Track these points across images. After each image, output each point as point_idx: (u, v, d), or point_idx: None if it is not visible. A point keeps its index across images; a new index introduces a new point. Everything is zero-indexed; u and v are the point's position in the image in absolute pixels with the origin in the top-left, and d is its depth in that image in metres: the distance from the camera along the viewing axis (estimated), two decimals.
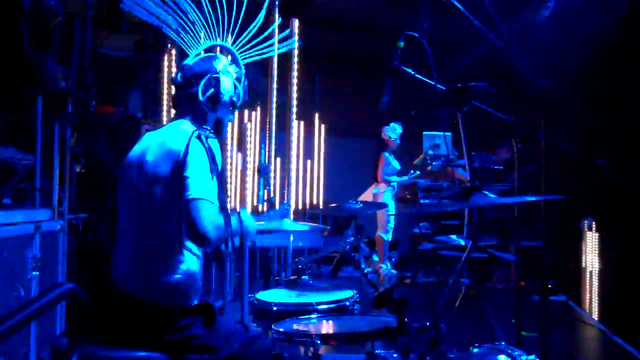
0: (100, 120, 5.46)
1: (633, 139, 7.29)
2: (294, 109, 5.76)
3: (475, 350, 3.39)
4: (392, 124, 9.05)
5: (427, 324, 2.75)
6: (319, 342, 2.67)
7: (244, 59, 3.29)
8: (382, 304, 2.62)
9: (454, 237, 3.71)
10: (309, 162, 9.54)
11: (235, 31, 3.30)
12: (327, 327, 3.07)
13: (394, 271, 9.19)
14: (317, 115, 9.40)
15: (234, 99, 3.09)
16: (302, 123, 8.97)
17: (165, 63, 6.94)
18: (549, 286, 8.23)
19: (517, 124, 3.18)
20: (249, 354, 2.85)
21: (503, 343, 3.37)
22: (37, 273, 3.99)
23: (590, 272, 8.44)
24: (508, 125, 3.20)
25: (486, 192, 2.56)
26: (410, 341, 2.73)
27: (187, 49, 3.30)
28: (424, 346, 2.76)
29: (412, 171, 9.16)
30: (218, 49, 3.33)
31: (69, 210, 4.78)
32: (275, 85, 5.74)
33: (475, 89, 2.67)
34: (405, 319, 2.70)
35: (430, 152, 8.93)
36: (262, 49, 3.48)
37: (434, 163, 8.96)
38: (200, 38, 3.32)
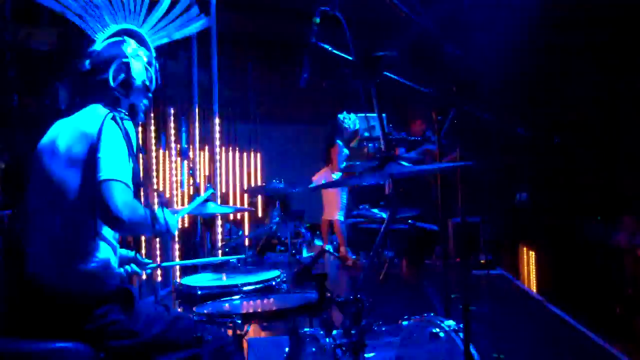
0: (22, 115, 5.30)
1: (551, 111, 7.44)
2: (216, 93, 5.64)
3: (405, 322, 3.42)
4: (347, 114, 9.02)
5: (351, 297, 2.75)
6: (239, 321, 2.64)
7: (156, 41, 3.20)
8: (302, 280, 2.60)
9: (375, 210, 3.70)
10: (243, 151, 9.47)
11: (143, 12, 3.22)
12: (249, 306, 3.04)
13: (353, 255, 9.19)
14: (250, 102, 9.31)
15: (147, 83, 3.01)
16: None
17: None
18: (487, 260, 8.39)
19: (435, 95, 3.17)
20: (172, 335, 2.81)
21: (432, 314, 3.40)
22: None
23: (526, 247, 8.61)
24: (426, 98, 3.20)
25: (401, 162, 2.55)
26: (331, 316, 2.72)
27: (93, 34, 3.19)
28: (349, 320, 2.76)
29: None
30: (123, 33, 3.20)
31: None
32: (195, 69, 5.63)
33: (385, 58, 2.66)
34: (328, 294, 2.69)
35: (366, 134, 8.94)
36: (174, 29, 3.40)
37: (369, 145, 8.97)
38: (105, 22, 3.22)
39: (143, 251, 5.31)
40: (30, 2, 6.76)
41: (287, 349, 3.28)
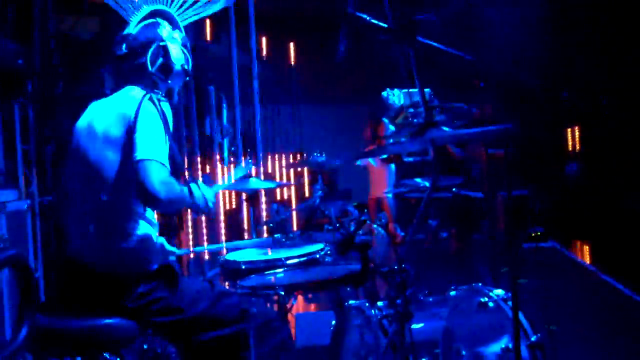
0: (67, 101, 5.36)
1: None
2: (256, 72, 5.61)
3: (452, 293, 3.38)
4: (391, 90, 8.93)
5: (395, 267, 2.70)
6: (282, 293, 2.63)
7: (182, 20, 3.18)
8: (346, 250, 2.56)
9: (418, 180, 3.64)
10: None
11: None
12: (293, 278, 3.02)
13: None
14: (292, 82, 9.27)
15: (186, 67, 2.99)
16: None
17: None
18: (538, 233, 8.25)
19: (478, 62, 3.09)
20: (217, 311, 2.81)
21: (480, 284, 3.34)
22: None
23: (579, 216, 8.44)
24: (470, 67, 3.12)
25: (444, 127, 2.48)
26: (377, 286, 2.69)
27: (127, 17, 3.18)
28: (393, 290, 2.72)
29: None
30: (158, 14, 3.17)
31: (44, 193, 4.72)
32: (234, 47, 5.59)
33: (424, 22, 2.59)
34: (371, 265, 2.66)
35: (411, 109, 8.82)
36: (198, 7, 3.38)
37: (414, 121, 8.85)
38: (136, 3, 3.20)
39: (190, 231, 5.35)
40: None
41: (333, 322, 3.27)
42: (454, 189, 3.51)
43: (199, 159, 5.86)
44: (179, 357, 3.06)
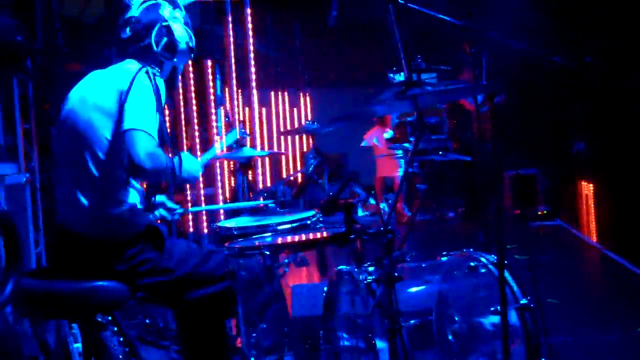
0: (71, 78, 5.39)
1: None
2: (251, 53, 5.61)
3: (444, 258, 3.39)
4: (397, 71, 8.92)
5: (381, 229, 2.72)
6: (267, 252, 2.65)
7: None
8: (330, 209, 2.58)
9: (406, 144, 3.64)
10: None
11: None
12: (279, 240, 3.04)
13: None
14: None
15: (191, 44, 3.05)
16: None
17: None
18: (545, 212, 8.24)
19: (468, 28, 3.08)
20: (206, 269, 2.87)
21: (471, 249, 3.35)
22: None
23: (586, 195, 8.40)
24: (458, 32, 3.12)
25: (427, 87, 2.49)
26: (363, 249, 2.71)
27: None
28: (380, 251, 2.74)
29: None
30: None
31: (45, 170, 4.77)
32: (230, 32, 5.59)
33: None
34: (359, 225, 2.67)
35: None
36: None
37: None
38: None
39: (188, 189, 5.40)
40: None
41: (325, 288, 3.30)
42: (439, 152, 3.49)
43: (196, 127, 5.91)
44: (174, 319, 3.12)
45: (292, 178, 6.94)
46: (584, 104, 7.99)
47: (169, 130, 2.88)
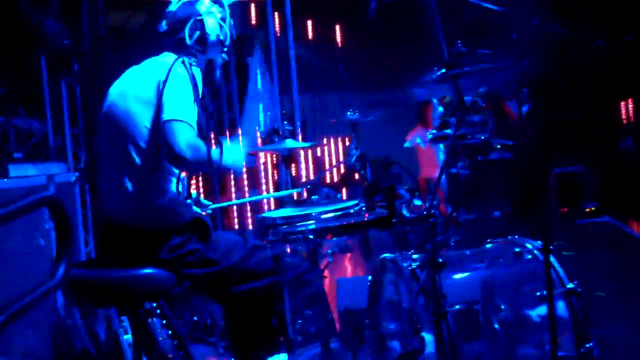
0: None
1: None
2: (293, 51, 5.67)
3: (489, 245, 3.37)
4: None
5: (425, 213, 2.72)
6: (311, 237, 2.67)
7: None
8: (372, 194, 2.59)
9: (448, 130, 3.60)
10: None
11: None
12: (321, 224, 3.05)
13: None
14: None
15: (222, 37, 3.11)
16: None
17: None
18: (592, 209, 8.11)
19: (511, 14, 3.08)
20: (250, 264, 2.88)
21: (516, 236, 3.32)
22: None
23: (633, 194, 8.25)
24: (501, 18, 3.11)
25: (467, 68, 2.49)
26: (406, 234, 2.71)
27: None
28: (423, 236, 2.74)
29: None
30: None
31: (92, 172, 4.87)
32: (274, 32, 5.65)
33: None
34: (400, 211, 2.68)
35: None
36: None
37: (465, 98, 8.76)
38: None
39: (233, 189, 5.46)
40: None
41: (369, 278, 3.31)
42: (482, 137, 3.46)
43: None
44: (221, 313, 3.15)
45: (334, 169, 6.97)
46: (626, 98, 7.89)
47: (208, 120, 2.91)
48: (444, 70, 2.46)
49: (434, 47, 2.70)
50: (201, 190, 5.65)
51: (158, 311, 2.87)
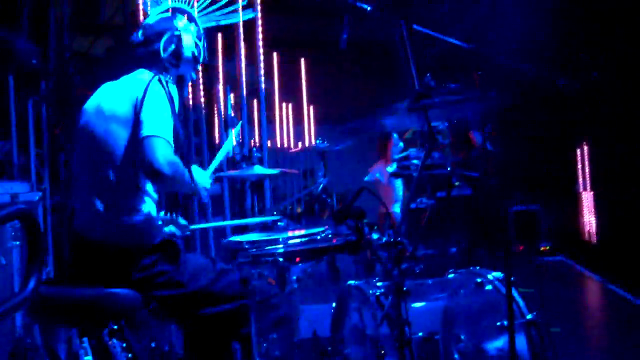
0: (80, 103, 5.53)
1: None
2: (262, 85, 5.74)
3: (451, 276, 3.42)
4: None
5: (392, 239, 2.77)
6: (280, 259, 2.70)
7: (204, 24, 3.36)
8: (342, 218, 2.63)
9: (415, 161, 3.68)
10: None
11: None
12: (291, 248, 3.08)
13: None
14: (305, 99, 9.38)
15: (196, 54, 3.15)
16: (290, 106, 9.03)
17: None
18: (547, 248, 8.28)
19: (478, 51, 3.16)
20: (218, 287, 2.89)
21: (478, 267, 3.39)
22: (18, 242, 4.03)
23: (588, 232, 8.45)
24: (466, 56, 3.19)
25: (437, 99, 2.56)
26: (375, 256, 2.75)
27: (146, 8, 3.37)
28: (390, 262, 2.78)
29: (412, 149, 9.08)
30: (174, 10, 3.39)
31: (55, 192, 4.84)
32: (243, 63, 5.70)
33: None
34: (368, 236, 2.72)
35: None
36: (223, 14, 3.56)
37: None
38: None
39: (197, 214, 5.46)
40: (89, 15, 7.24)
41: (333, 304, 3.33)
42: (448, 168, 3.53)
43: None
44: (182, 340, 3.14)
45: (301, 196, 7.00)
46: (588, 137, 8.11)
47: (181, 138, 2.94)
48: (418, 97, 2.52)
49: (403, 79, 2.77)
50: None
51: (119, 333, 2.85)
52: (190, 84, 3.39)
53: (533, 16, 6.71)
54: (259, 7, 5.40)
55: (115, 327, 2.79)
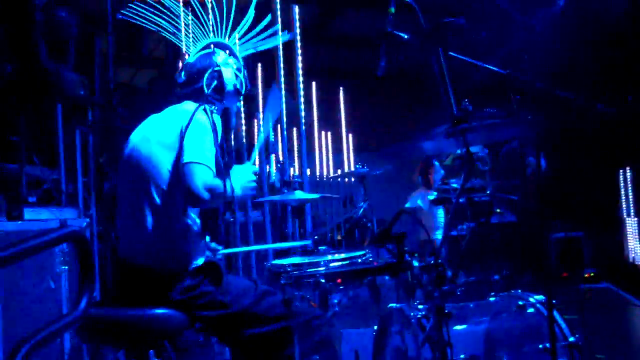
0: (123, 134, 5.66)
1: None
2: (302, 106, 5.81)
3: (492, 299, 3.43)
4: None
5: (432, 262, 2.80)
6: (323, 280, 2.73)
7: (242, 52, 3.46)
8: (383, 240, 2.67)
9: (454, 184, 3.70)
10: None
11: (229, 27, 3.50)
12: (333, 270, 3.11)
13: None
14: (344, 128, 9.44)
15: (238, 86, 3.26)
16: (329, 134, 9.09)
17: None
18: (591, 274, 8.15)
19: (514, 76, 3.19)
20: (261, 308, 2.94)
21: (519, 291, 3.40)
22: (66, 267, 4.14)
23: (634, 258, 8.33)
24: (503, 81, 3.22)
25: (475, 122, 2.60)
26: (416, 280, 2.77)
27: (188, 50, 3.49)
28: (431, 285, 2.80)
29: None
30: (213, 45, 3.48)
31: (100, 221, 4.96)
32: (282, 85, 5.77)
33: (452, 24, 2.73)
34: (408, 258, 2.75)
35: (458, 151, 8.89)
36: (261, 40, 3.65)
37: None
38: (196, 38, 3.52)
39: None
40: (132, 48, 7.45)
41: (375, 327, 3.35)
42: (488, 191, 3.54)
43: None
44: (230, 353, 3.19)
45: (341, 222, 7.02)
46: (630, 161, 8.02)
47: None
48: (456, 121, 2.56)
49: (441, 105, 2.81)
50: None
51: (164, 354, 2.91)
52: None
53: (566, 41, 6.73)
54: (297, 30, 5.52)
55: (161, 347, 2.85)
